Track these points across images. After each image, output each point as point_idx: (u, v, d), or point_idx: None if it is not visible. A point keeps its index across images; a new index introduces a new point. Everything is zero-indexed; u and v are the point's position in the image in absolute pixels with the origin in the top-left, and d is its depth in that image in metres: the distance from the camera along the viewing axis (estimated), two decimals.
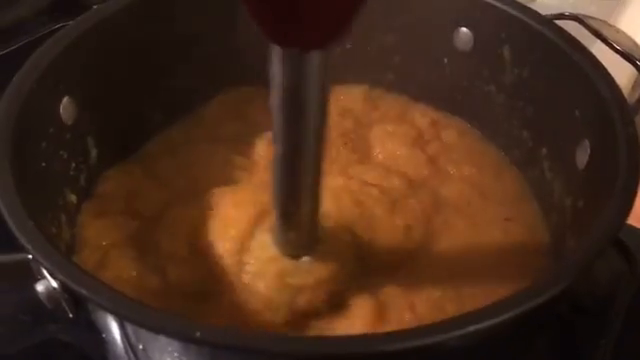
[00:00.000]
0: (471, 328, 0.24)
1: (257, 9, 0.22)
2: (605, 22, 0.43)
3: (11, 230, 0.27)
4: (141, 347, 0.30)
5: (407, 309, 0.34)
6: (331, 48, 0.24)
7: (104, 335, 0.34)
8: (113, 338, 0.32)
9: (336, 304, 0.33)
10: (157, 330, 0.24)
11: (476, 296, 0.34)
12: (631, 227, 0.38)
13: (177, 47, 0.43)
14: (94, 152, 0.40)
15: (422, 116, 0.46)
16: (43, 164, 0.34)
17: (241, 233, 0.35)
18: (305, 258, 0.32)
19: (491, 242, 0.38)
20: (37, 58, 0.35)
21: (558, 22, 0.40)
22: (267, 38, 0.23)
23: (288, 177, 0.28)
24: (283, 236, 0.32)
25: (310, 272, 0.32)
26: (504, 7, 0.40)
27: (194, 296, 0.34)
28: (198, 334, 0.23)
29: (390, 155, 0.43)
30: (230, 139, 0.44)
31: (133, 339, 0.30)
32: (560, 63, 0.38)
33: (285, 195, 0.29)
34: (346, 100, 0.47)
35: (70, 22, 0.39)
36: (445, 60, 0.45)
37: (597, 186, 0.33)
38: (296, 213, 0.30)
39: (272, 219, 0.32)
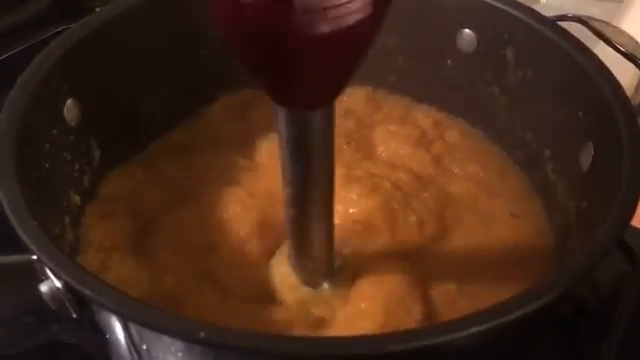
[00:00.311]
0: (474, 329, 0.24)
1: (259, 77, 0.23)
2: (608, 23, 0.42)
3: (15, 231, 0.28)
4: (145, 347, 0.30)
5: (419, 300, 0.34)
6: (333, 103, 0.24)
7: (108, 336, 0.34)
8: (117, 339, 0.32)
9: None
10: (161, 330, 0.24)
11: (483, 294, 0.34)
12: (635, 229, 0.38)
13: (180, 49, 0.43)
14: (97, 153, 0.40)
15: (425, 117, 0.46)
16: (47, 165, 0.34)
17: (246, 237, 0.35)
18: (325, 286, 0.33)
19: (498, 239, 0.38)
20: (41, 60, 0.35)
21: (561, 23, 0.40)
22: (271, 99, 0.24)
23: (299, 216, 0.29)
24: (300, 265, 0.32)
25: (329, 303, 0.33)
26: (507, 9, 0.40)
27: None
28: (202, 334, 0.23)
29: (394, 154, 0.43)
30: (233, 141, 0.44)
31: (137, 339, 0.30)
32: (563, 65, 0.38)
33: (298, 232, 0.30)
34: (349, 101, 0.47)
35: (73, 25, 0.39)
36: (448, 62, 0.45)
37: (601, 188, 0.32)
38: (310, 247, 0.30)
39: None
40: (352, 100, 0.47)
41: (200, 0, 0.42)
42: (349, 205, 0.38)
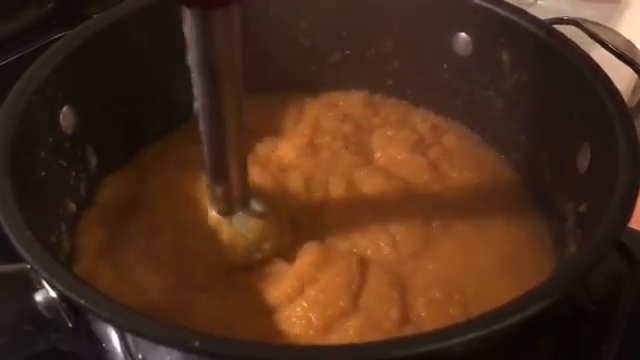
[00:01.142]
0: (470, 335, 0.24)
1: None
2: (604, 26, 0.43)
3: (9, 239, 0.27)
4: (141, 357, 0.30)
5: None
6: (234, 7, 0.26)
7: (104, 344, 0.34)
8: (113, 348, 0.32)
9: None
10: (156, 340, 0.24)
11: (478, 300, 0.34)
12: (634, 230, 0.38)
13: (175, 56, 0.43)
14: (94, 160, 0.40)
15: (422, 121, 0.46)
16: (43, 173, 0.34)
17: None
18: (238, 214, 0.35)
19: (492, 246, 0.38)
20: (36, 68, 0.35)
21: (557, 26, 0.40)
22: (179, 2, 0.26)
23: (210, 130, 0.31)
24: (213, 192, 0.34)
25: (242, 227, 0.34)
26: (503, 12, 0.40)
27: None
28: (197, 343, 0.23)
29: (391, 160, 0.43)
30: None
31: (133, 349, 0.30)
32: (559, 67, 0.38)
33: (210, 147, 0.31)
34: (346, 105, 0.47)
35: (69, 32, 0.39)
36: (445, 65, 0.45)
37: (599, 190, 0.32)
38: (223, 165, 0.32)
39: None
40: (349, 104, 0.47)
41: None
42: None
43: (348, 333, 0.32)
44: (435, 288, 0.35)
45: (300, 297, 0.34)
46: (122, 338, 0.30)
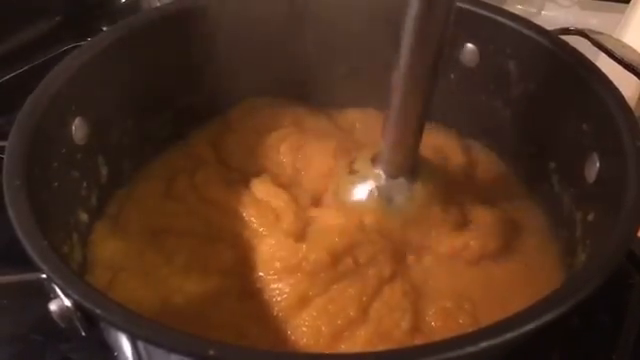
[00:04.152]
0: (482, 345, 0.24)
1: None
2: (610, 36, 0.43)
3: (25, 250, 0.28)
4: None
5: None
6: None
7: (116, 354, 0.34)
8: (125, 356, 0.32)
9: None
10: (170, 349, 0.24)
11: (489, 309, 0.34)
12: None
13: (186, 67, 0.44)
14: (105, 171, 0.40)
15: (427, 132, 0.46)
16: (55, 184, 0.35)
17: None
18: (401, 179, 0.38)
19: (501, 255, 0.38)
20: (49, 80, 0.36)
21: (563, 37, 0.40)
22: None
23: (403, 104, 0.34)
24: (390, 158, 0.37)
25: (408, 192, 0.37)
26: (509, 23, 0.41)
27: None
28: (211, 352, 0.23)
29: None
30: (239, 155, 0.44)
31: (145, 357, 0.30)
32: (566, 77, 0.38)
33: (400, 120, 0.35)
34: (344, 121, 0.47)
35: (79, 43, 0.39)
36: (452, 76, 0.45)
37: (607, 199, 0.32)
38: (404, 139, 0.36)
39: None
40: (355, 118, 0.48)
41: (206, 19, 0.43)
42: None
43: (358, 342, 0.32)
44: (445, 298, 0.35)
45: (309, 307, 0.34)
46: (134, 347, 0.30)
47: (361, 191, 0.39)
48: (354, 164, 0.40)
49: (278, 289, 0.35)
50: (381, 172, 0.38)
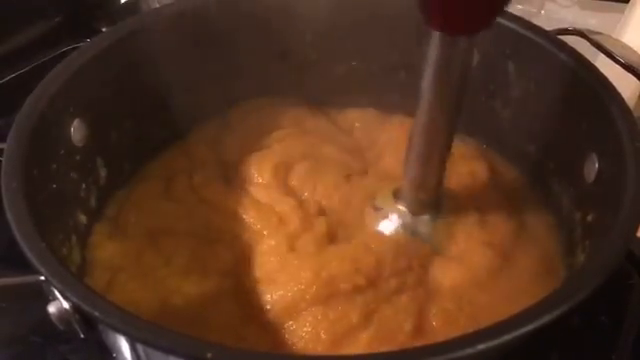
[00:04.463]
0: (481, 346, 0.24)
1: (426, 4, 0.29)
2: (609, 36, 0.43)
3: (23, 252, 0.28)
4: None
5: None
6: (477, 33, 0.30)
7: (114, 355, 0.34)
8: (124, 358, 0.32)
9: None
10: (169, 351, 0.24)
11: (489, 310, 0.34)
12: None
13: (184, 68, 0.44)
14: (104, 172, 0.40)
15: None
16: (54, 185, 0.35)
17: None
18: (425, 216, 0.38)
19: (501, 257, 0.38)
20: (48, 82, 0.36)
21: (562, 37, 0.40)
22: (429, 26, 0.30)
23: (426, 146, 0.34)
24: (413, 196, 0.37)
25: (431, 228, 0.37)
26: (508, 23, 0.40)
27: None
28: (209, 355, 0.23)
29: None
30: (237, 157, 0.44)
31: (144, 359, 0.30)
32: (565, 78, 0.38)
33: (422, 161, 0.35)
34: (344, 121, 0.47)
35: (78, 45, 0.39)
36: None
37: (607, 199, 0.32)
38: (425, 176, 0.35)
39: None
40: (349, 119, 0.48)
41: (205, 20, 0.43)
42: None
43: (360, 344, 0.32)
44: (446, 299, 0.35)
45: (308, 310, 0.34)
46: (133, 349, 0.30)
47: (385, 227, 0.38)
48: (376, 200, 0.39)
49: (278, 292, 0.35)
50: (405, 209, 0.38)
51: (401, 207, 0.38)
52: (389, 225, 0.38)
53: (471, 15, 0.29)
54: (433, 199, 0.37)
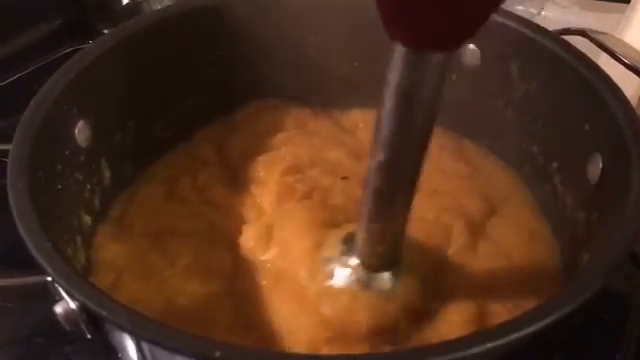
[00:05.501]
0: (488, 345, 0.24)
1: (392, 13, 0.21)
2: (611, 35, 0.43)
3: (29, 252, 0.28)
4: None
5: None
6: (454, 50, 0.23)
7: (120, 355, 0.34)
8: (129, 358, 0.32)
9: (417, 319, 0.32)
10: (177, 350, 0.24)
11: (497, 312, 0.34)
12: None
13: (188, 69, 0.44)
14: (108, 173, 0.40)
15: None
16: (59, 186, 0.35)
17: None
18: (385, 274, 0.31)
19: (505, 258, 0.38)
20: (52, 83, 0.36)
21: (564, 37, 0.40)
22: (393, 38, 0.22)
23: (385, 187, 0.27)
24: (370, 249, 0.30)
25: (393, 288, 0.31)
26: (511, 23, 0.41)
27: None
28: (218, 354, 0.23)
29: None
30: (242, 158, 0.44)
31: (149, 359, 0.30)
32: (568, 78, 0.38)
33: (381, 206, 0.28)
34: (347, 122, 0.47)
35: (80, 46, 0.39)
36: (453, 76, 0.45)
37: (611, 199, 0.33)
38: (388, 224, 0.28)
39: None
40: (351, 121, 0.48)
41: (209, 20, 0.43)
42: None
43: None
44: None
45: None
46: (139, 349, 0.30)
47: (338, 280, 0.32)
48: (324, 249, 0.33)
49: (280, 291, 0.35)
50: (359, 263, 0.31)
51: (354, 261, 0.31)
52: (340, 279, 0.32)
53: (453, 24, 0.21)
54: (395, 253, 0.31)
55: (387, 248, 0.30)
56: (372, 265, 0.31)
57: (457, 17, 0.21)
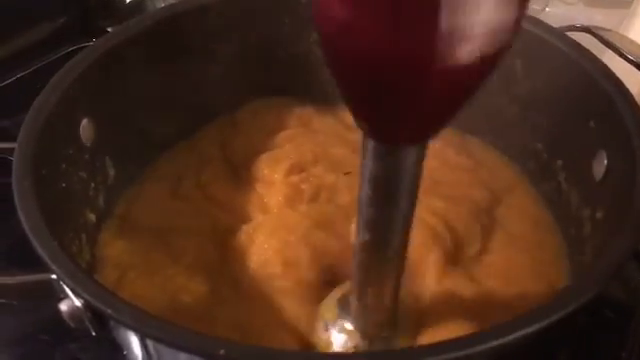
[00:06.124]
0: (494, 343, 0.24)
1: (361, 111, 0.21)
2: (616, 32, 0.43)
3: (35, 250, 0.28)
4: None
5: None
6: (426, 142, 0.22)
7: (125, 352, 0.34)
8: (134, 356, 0.32)
9: None
10: (181, 348, 0.24)
11: (501, 309, 0.34)
12: None
13: (192, 67, 0.44)
14: (112, 172, 0.40)
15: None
16: (63, 185, 0.35)
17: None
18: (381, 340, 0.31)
19: (510, 255, 0.38)
20: (56, 82, 0.36)
21: (569, 33, 0.40)
22: (365, 134, 0.22)
23: (372, 264, 0.27)
24: (363, 319, 0.30)
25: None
26: None
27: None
28: (222, 351, 0.23)
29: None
30: (246, 157, 0.44)
31: (155, 357, 0.30)
32: (573, 75, 0.38)
33: (370, 279, 0.28)
34: (350, 118, 0.47)
35: (84, 45, 0.39)
36: None
37: (616, 197, 0.32)
38: (378, 299, 0.29)
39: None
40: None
41: (211, 19, 0.43)
42: None
43: None
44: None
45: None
46: (144, 346, 0.30)
47: (336, 345, 0.32)
48: (323, 310, 0.33)
49: (284, 287, 0.35)
50: (354, 329, 0.31)
51: (350, 326, 0.31)
52: (338, 343, 0.31)
53: (419, 123, 0.21)
54: (390, 319, 0.31)
55: (380, 316, 0.30)
56: (367, 333, 0.31)
57: (420, 118, 0.20)
